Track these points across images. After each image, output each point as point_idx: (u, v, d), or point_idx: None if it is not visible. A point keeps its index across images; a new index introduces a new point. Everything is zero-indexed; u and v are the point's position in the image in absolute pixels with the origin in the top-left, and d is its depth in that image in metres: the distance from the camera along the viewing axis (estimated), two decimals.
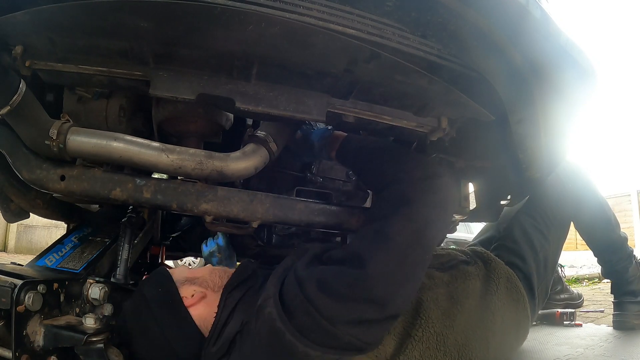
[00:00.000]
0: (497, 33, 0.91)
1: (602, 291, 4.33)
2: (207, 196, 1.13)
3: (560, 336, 1.97)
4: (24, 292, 0.93)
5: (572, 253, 9.25)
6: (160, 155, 1.06)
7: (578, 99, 1.13)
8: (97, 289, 1.05)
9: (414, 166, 1.08)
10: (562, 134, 1.22)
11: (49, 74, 1.00)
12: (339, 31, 0.87)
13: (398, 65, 0.93)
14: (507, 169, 1.41)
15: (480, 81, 1.03)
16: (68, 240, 1.45)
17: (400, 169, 1.08)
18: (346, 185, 1.74)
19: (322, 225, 1.28)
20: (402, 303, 0.94)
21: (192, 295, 1.05)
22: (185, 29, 0.85)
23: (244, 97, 0.99)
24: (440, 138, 1.22)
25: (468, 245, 1.91)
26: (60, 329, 0.95)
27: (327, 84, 1.02)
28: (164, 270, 1.13)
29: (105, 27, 0.86)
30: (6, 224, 8.18)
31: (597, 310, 2.85)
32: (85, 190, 1.08)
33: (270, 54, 0.92)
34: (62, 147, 1.02)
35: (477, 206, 1.63)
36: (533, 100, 1.07)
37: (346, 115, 1.12)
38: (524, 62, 0.98)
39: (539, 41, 0.95)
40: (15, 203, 1.45)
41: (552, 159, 1.30)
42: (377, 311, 0.89)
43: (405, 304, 0.96)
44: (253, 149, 1.16)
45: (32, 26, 0.86)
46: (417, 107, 1.12)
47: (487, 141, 1.35)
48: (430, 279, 1.28)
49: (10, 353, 0.91)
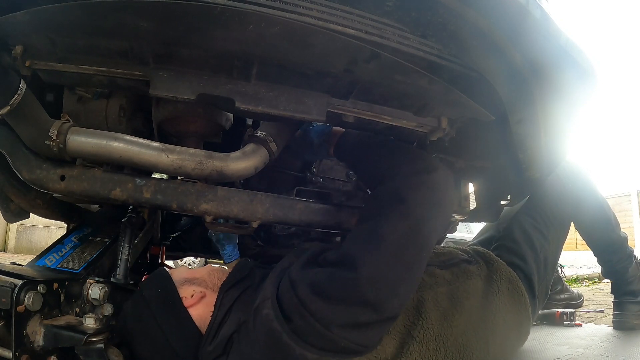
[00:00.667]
0: (497, 33, 0.91)
1: (602, 291, 4.33)
2: (207, 196, 1.13)
3: (560, 336, 1.97)
4: (24, 292, 0.93)
5: (572, 253, 9.26)
6: (160, 155, 1.06)
7: (578, 99, 1.13)
8: (97, 289, 1.05)
9: (408, 161, 1.05)
10: (562, 134, 1.22)
11: (49, 74, 1.00)
12: (339, 31, 0.87)
13: (398, 65, 0.93)
14: (507, 169, 1.41)
15: (480, 81, 1.03)
16: (68, 240, 1.46)
17: (394, 164, 1.05)
18: (346, 186, 1.74)
19: (322, 225, 1.28)
20: (399, 304, 0.93)
21: (192, 296, 1.05)
22: (185, 29, 0.85)
23: (243, 97, 0.99)
24: (440, 138, 1.22)
25: (468, 245, 1.90)
26: (60, 329, 0.95)
27: (327, 84, 1.02)
28: (163, 271, 1.13)
29: (105, 27, 0.86)
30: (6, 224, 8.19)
31: (597, 310, 2.85)
32: (85, 190, 1.08)
33: (270, 54, 0.92)
34: (62, 147, 1.02)
35: (477, 206, 1.63)
36: (533, 100, 1.07)
37: (346, 115, 1.12)
38: (524, 62, 0.98)
39: (539, 41, 0.95)
40: (15, 203, 1.45)
41: (552, 159, 1.30)
42: (372, 314, 0.88)
43: (402, 305, 0.94)
44: (253, 149, 1.16)
45: (32, 26, 0.86)
46: (417, 107, 1.12)
47: (487, 141, 1.35)
48: (431, 277, 1.27)
49: (10, 353, 0.91)
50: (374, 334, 0.93)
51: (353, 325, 0.87)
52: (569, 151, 1.34)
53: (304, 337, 0.86)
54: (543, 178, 1.37)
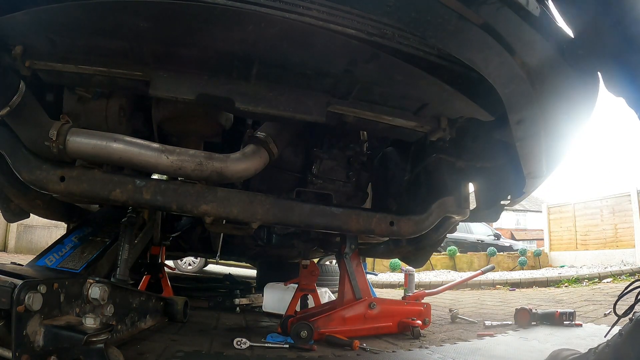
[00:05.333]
0: (497, 33, 0.91)
1: (602, 291, 4.33)
2: (207, 197, 1.13)
3: (561, 336, 1.97)
4: (24, 292, 0.93)
5: (572, 253, 9.25)
6: (160, 156, 1.06)
7: (579, 99, 1.13)
8: (97, 289, 1.05)
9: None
10: (562, 134, 1.22)
11: (49, 74, 1.00)
12: (339, 31, 0.86)
13: (398, 66, 0.93)
14: (507, 169, 1.40)
15: (480, 81, 1.03)
16: (68, 240, 1.46)
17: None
18: (346, 186, 1.74)
19: (322, 226, 1.28)
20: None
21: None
22: (185, 29, 0.85)
23: (243, 97, 0.99)
24: (440, 138, 1.22)
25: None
26: (60, 329, 0.95)
27: (327, 84, 1.02)
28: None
29: (105, 28, 0.86)
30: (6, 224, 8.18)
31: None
32: (85, 191, 1.08)
33: (270, 54, 0.92)
34: (62, 148, 1.02)
35: (477, 206, 1.63)
36: (533, 100, 1.07)
37: (346, 115, 1.12)
38: (524, 62, 0.97)
39: (540, 41, 0.95)
40: (15, 203, 1.45)
41: (552, 159, 1.30)
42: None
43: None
44: (253, 150, 1.16)
45: (32, 26, 0.86)
46: (417, 107, 1.12)
47: (487, 141, 1.35)
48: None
49: (10, 353, 0.91)
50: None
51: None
52: (569, 151, 1.33)
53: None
54: (543, 178, 1.36)
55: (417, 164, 1.58)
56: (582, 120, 1.17)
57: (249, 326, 1.98)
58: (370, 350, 1.49)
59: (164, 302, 1.68)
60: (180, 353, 1.29)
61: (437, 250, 8.49)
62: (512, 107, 1.09)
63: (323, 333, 1.60)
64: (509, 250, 11.13)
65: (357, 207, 1.39)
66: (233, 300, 2.41)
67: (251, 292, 2.81)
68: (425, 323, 1.95)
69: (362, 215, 1.31)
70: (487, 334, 1.96)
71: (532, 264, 9.32)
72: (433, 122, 1.18)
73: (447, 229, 1.67)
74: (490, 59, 0.96)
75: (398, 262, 7.88)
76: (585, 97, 1.10)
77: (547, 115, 1.10)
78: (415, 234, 1.41)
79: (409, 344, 1.66)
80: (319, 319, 1.63)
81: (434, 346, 1.66)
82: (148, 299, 1.52)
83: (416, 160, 1.58)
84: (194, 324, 1.82)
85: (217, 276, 4.43)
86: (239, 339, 1.47)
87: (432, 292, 2.90)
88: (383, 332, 1.80)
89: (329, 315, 1.66)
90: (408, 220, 1.38)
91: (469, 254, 10.07)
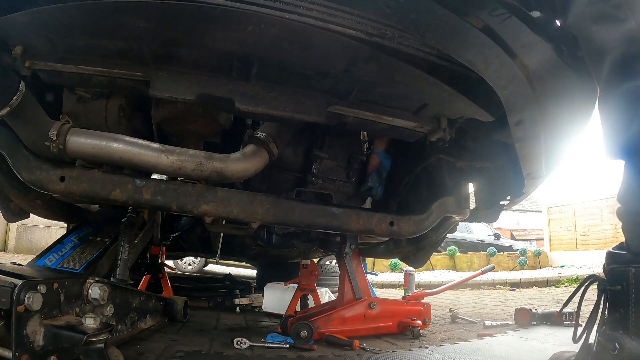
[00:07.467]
0: (497, 36, 0.91)
1: None
2: (207, 197, 1.13)
3: (560, 336, 1.97)
4: (24, 292, 0.93)
5: (572, 253, 9.26)
6: (160, 156, 1.07)
7: (578, 100, 1.13)
8: (97, 289, 1.05)
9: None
10: (562, 134, 1.22)
11: (49, 74, 1.00)
12: (339, 32, 0.87)
13: (397, 66, 0.93)
14: (507, 170, 1.41)
15: (480, 82, 1.03)
16: (68, 240, 1.46)
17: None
18: (346, 186, 1.74)
19: (322, 226, 1.28)
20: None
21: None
22: (185, 30, 0.85)
23: (243, 97, 0.99)
24: (440, 138, 1.22)
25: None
26: (60, 329, 0.95)
27: (327, 85, 1.02)
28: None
29: (105, 28, 0.86)
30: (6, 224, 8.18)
31: None
32: (85, 191, 1.08)
33: (270, 54, 0.92)
34: (62, 148, 1.02)
35: (477, 206, 1.63)
36: (533, 102, 1.07)
37: (346, 115, 1.12)
38: (524, 64, 0.97)
39: (540, 43, 0.95)
40: (15, 203, 1.45)
41: (551, 160, 1.30)
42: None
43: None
44: (253, 150, 1.16)
45: (31, 26, 0.86)
46: (417, 108, 1.12)
47: (487, 142, 1.35)
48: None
49: (10, 353, 0.91)
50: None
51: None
52: (569, 152, 1.33)
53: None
54: (543, 179, 1.36)
55: (417, 164, 1.58)
56: (582, 120, 1.18)
57: (249, 326, 1.98)
58: (370, 350, 1.49)
59: (164, 302, 1.68)
60: (180, 353, 1.29)
61: (437, 250, 8.49)
62: (512, 108, 1.09)
63: (323, 333, 1.60)
64: (509, 250, 11.13)
65: (357, 207, 1.39)
66: (233, 300, 2.41)
67: (251, 292, 2.81)
68: (425, 323, 1.95)
69: (362, 215, 1.31)
70: (487, 334, 1.96)
71: (532, 264, 9.32)
72: (433, 122, 1.18)
73: (447, 229, 1.67)
74: (490, 61, 0.96)
75: (398, 262, 7.88)
76: (585, 98, 1.10)
77: (547, 116, 1.10)
78: (416, 234, 1.42)
79: (409, 344, 1.66)
80: (319, 319, 1.63)
81: (434, 346, 1.66)
82: (148, 299, 1.52)
83: (416, 160, 1.59)
84: (194, 324, 1.83)
85: (217, 276, 4.43)
86: (239, 339, 1.47)
87: (432, 292, 2.90)
88: (383, 332, 1.80)
89: (329, 315, 1.66)
90: (408, 220, 1.38)
91: (469, 254, 10.07)
